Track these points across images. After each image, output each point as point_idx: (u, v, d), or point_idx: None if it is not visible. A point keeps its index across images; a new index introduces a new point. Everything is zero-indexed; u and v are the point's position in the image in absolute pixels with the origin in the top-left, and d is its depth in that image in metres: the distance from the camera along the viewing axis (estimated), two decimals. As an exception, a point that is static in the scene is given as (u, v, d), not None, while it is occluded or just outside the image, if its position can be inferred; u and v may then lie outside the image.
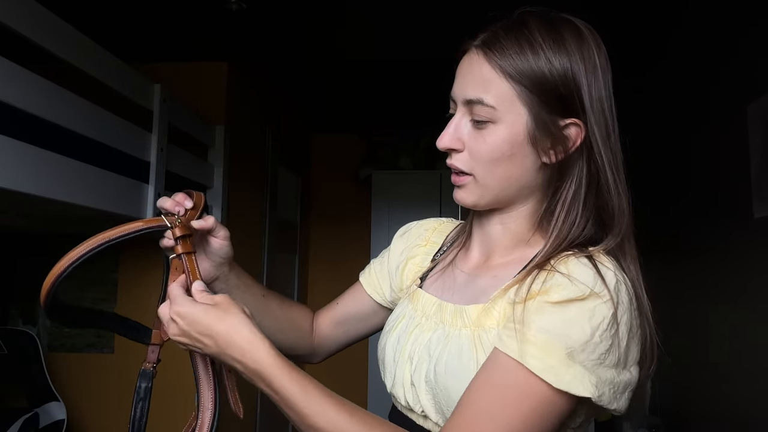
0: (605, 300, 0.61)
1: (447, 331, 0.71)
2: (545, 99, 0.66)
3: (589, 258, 0.65)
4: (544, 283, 0.63)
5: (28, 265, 2.63)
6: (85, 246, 0.71)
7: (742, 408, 2.02)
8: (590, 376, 0.60)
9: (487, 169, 0.69)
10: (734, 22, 2.06)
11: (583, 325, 0.60)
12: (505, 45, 0.67)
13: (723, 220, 2.17)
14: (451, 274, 0.79)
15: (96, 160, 1.52)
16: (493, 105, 0.67)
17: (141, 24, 2.33)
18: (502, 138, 0.67)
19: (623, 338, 0.62)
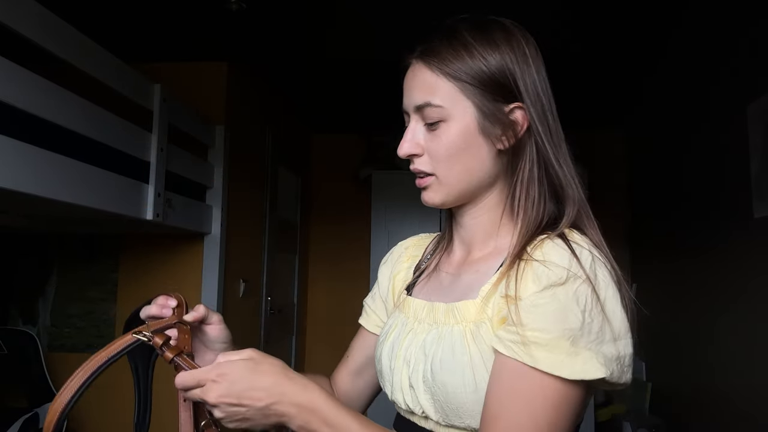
0: (583, 279, 0.64)
1: (440, 330, 0.73)
2: (486, 90, 0.72)
3: (563, 238, 0.68)
4: (525, 276, 0.65)
5: (29, 265, 2.63)
6: (73, 385, 0.66)
7: (742, 408, 2.02)
8: (597, 357, 0.62)
9: (447, 166, 0.73)
10: (734, 22, 2.06)
11: (574, 310, 0.63)
12: (441, 51, 0.73)
13: (723, 220, 2.17)
14: (436, 277, 0.82)
15: (96, 160, 1.52)
16: (440, 104, 0.72)
17: (141, 24, 2.33)
18: (455, 133, 0.72)
19: (611, 312, 0.65)
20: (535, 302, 0.63)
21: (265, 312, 3.02)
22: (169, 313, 0.74)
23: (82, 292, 2.57)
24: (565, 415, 0.63)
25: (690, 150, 2.54)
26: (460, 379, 0.66)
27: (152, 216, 1.81)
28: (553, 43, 2.49)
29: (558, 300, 0.63)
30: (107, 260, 2.56)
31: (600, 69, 2.79)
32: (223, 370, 0.64)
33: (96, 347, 2.80)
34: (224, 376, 0.63)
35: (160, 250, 2.52)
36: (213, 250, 2.45)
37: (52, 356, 2.50)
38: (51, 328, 2.57)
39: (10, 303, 2.61)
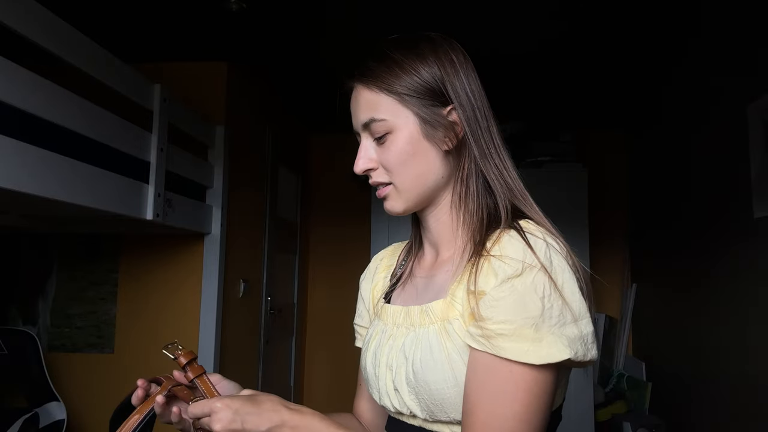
0: (538, 268, 0.67)
1: (417, 331, 0.76)
2: (421, 97, 0.77)
3: (517, 230, 0.72)
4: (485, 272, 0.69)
5: (29, 265, 2.63)
6: None
7: (742, 408, 2.02)
8: (560, 339, 0.66)
9: (401, 173, 0.78)
10: (734, 22, 2.06)
11: (532, 299, 0.66)
12: (375, 70, 0.79)
13: (723, 220, 2.17)
14: (411, 283, 0.86)
15: (96, 160, 1.52)
16: (384, 118, 0.78)
17: (141, 24, 2.33)
18: (402, 141, 0.77)
19: (569, 295, 0.68)
20: (496, 296, 0.67)
21: (265, 312, 3.02)
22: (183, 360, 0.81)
23: (82, 292, 2.57)
24: (538, 399, 0.66)
25: (690, 150, 2.54)
26: (441, 376, 0.70)
27: (152, 216, 1.81)
28: (554, 44, 2.49)
29: (516, 291, 0.66)
30: (107, 260, 2.56)
31: (600, 69, 2.79)
32: (227, 400, 0.70)
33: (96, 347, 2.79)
34: (228, 406, 0.69)
35: (160, 250, 2.52)
36: (213, 250, 2.45)
37: (52, 356, 2.50)
38: (51, 328, 2.57)
39: (10, 303, 2.61)
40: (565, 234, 0.79)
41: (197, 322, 2.39)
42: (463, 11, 2.20)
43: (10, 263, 2.64)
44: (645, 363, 3.17)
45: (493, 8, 2.17)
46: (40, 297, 2.60)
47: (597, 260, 3.57)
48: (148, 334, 2.46)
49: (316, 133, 4.10)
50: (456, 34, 0.86)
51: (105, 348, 2.51)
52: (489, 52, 2.53)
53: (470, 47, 0.84)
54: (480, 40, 2.41)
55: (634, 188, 3.54)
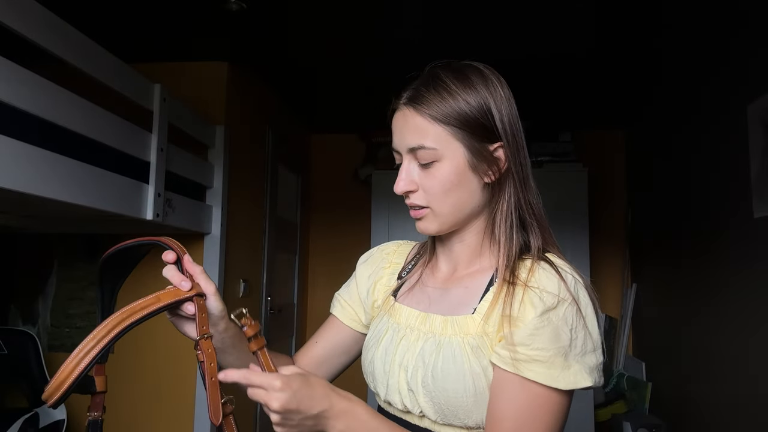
0: (570, 301, 0.75)
1: (438, 339, 0.80)
2: (472, 131, 0.80)
3: (549, 263, 0.78)
4: (522, 303, 0.75)
5: (29, 264, 2.63)
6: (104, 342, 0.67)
7: (742, 408, 2.03)
8: (583, 368, 0.74)
9: (441, 200, 0.81)
10: (734, 21, 2.06)
11: (564, 330, 0.74)
12: (428, 97, 0.80)
13: (723, 220, 2.17)
14: (421, 289, 0.90)
15: (96, 160, 1.52)
16: (433, 147, 0.79)
17: (141, 24, 2.33)
18: (448, 171, 0.80)
19: (590, 326, 0.76)
20: (535, 325, 0.73)
21: (265, 312, 3.02)
22: (187, 285, 0.78)
23: (82, 292, 2.57)
24: (558, 419, 0.74)
25: (690, 150, 2.54)
26: (461, 386, 0.75)
27: (152, 216, 1.81)
28: (554, 44, 2.49)
29: (552, 323, 0.73)
30: (107, 260, 2.56)
31: (600, 69, 2.79)
32: (285, 379, 0.70)
33: (96, 347, 2.76)
34: (288, 385, 0.69)
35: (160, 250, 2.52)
36: (213, 250, 2.45)
37: (52, 356, 2.50)
38: (51, 328, 2.57)
39: (10, 303, 2.61)
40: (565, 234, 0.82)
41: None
42: (465, 15, 2.20)
43: (10, 263, 2.64)
44: (645, 363, 3.17)
45: (496, 14, 2.17)
46: (40, 297, 2.60)
47: (597, 260, 3.57)
48: (148, 334, 2.45)
49: (316, 133, 4.10)
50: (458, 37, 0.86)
51: (105, 348, 2.51)
52: (490, 55, 2.53)
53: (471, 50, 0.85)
54: (480, 43, 2.41)
55: (634, 188, 3.54)
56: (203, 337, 0.75)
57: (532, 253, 0.81)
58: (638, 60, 2.68)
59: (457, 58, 0.88)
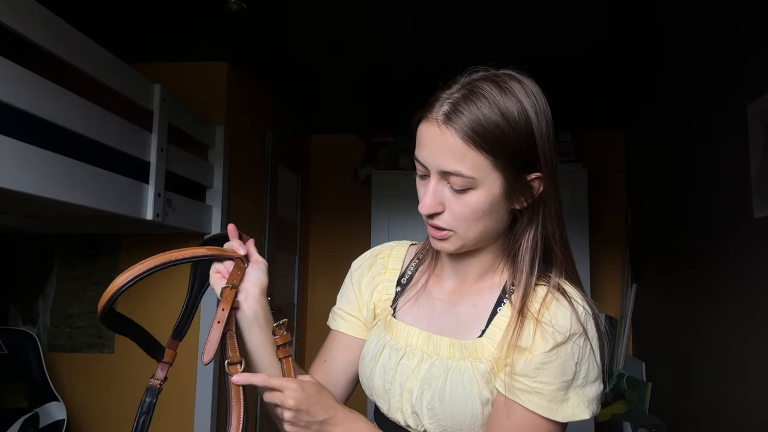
0: (579, 334, 0.74)
1: (445, 363, 0.79)
2: (514, 162, 0.74)
3: (562, 292, 0.77)
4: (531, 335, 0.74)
5: (29, 265, 2.63)
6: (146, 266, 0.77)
7: (741, 408, 2.02)
8: (582, 400, 0.74)
9: (468, 226, 0.76)
10: (735, 21, 2.06)
11: (570, 364, 0.74)
12: (471, 119, 0.71)
13: (723, 220, 2.17)
14: (426, 301, 0.86)
15: (96, 160, 1.52)
16: (472, 176, 0.72)
17: (141, 24, 2.33)
18: (483, 200, 0.74)
19: (596, 356, 0.76)
20: (543, 360, 0.73)
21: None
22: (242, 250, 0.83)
23: (82, 292, 2.57)
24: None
25: (690, 150, 2.54)
26: (469, 410, 0.75)
27: (152, 216, 1.80)
28: (554, 44, 2.49)
29: (560, 357, 0.73)
30: (107, 260, 2.56)
31: (600, 69, 2.79)
32: (301, 383, 0.75)
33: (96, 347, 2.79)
34: (303, 388, 0.74)
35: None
36: (213, 250, 2.45)
37: (52, 356, 2.50)
38: (51, 328, 2.57)
39: (10, 303, 2.61)
40: None
41: (197, 321, 2.39)
42: (465, 16, 2.20)
43: (10, 263, 2.64)
44: (645, 363, 3.17)
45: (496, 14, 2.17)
46: (40, 297, 2.59)
47: (597, 260, 3.57)
48: (148, 334, 2.46)
49: (316, 133, 4.10)
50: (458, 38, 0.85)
51: (105, 348, 2.51)
52: (490, 55, 2.53)
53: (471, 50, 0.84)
54: (480, 43, 2.41)
55: (634, 188, 3.54)
56: (228, 287, 0.79)
57: (550, 282, 0.78)
58: (638, 60, 2.67)
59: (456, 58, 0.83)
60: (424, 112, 0.76)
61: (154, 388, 0.79)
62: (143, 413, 0.77)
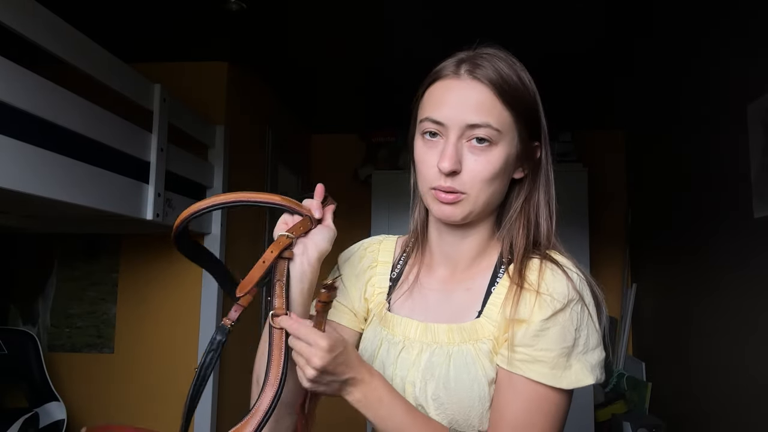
0: (576, 300, 0.74)
1: (446, 349, 0.78)
2: (527, 125, 0.78)
3: (555, 263, 0.77)
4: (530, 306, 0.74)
5: (29, 265, 2.63)
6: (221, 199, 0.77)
7: (741, 408, 2.02)
8: (585, 366, 0.73)
9: (482, 188, 0.76)
10: (735, 21, 2.06)
11: (570, 330, 0.73)
12: (496, 73, 0.75)
13: (723, 220, 2.17)
14: (419, 294, 0.85)
15: (96, 160, 1.52)
16: (498, 128, 0.74)
17: (141, 24, 2.33)
18: (501, 158, 0.75)
19: (595, 322, 0.76)
20: (542, 327, 0.73)
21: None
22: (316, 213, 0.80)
23: (82, 292, 2.57)
24: (559, 418, 0.74)
25: (690, 150, 2.54)
26: (477, 393, 0.75)
27: (152, 216, 1.80)
28: (554, 44, 2.49)
29: (559, 323, 0.73)
30: (107, 260, 2.56)
31: (600, 69, 2.79)
32: (334, 343, 0.70)
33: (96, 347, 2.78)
34: (333, 348, 0.69)
35: (160, 250, 2.52)
36: (213, 250, 2.45)
37: (52, 356, 2.50)
38: (51, 328, 2.57)
39: (10, 303, 2.61)
40: (565, 234, 0.82)
41: (197, 321, 2.39)
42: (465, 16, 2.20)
43: (9, 263, 2.64)
44: (645, 363, 3.17)
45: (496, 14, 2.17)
46: (40, 297, 2.59)
47: (597, 260, 3.57)
48: (148, 334, 2.46)
49: (316, 133, 4.10)
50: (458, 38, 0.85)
51: (105, 348, 2.51)
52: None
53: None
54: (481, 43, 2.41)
55: (634, 188, 3.54)
56: (285, 234, 0.77)
57: (541, 252, 0.79)
58: (638, 60, 2.67)
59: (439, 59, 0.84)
60: (437, 74, 0.79)
61: (224, 327, 0.78)
62: (211, 350, 0.76)
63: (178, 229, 0.77)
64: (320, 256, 0.80)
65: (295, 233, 0.77)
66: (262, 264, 0.76)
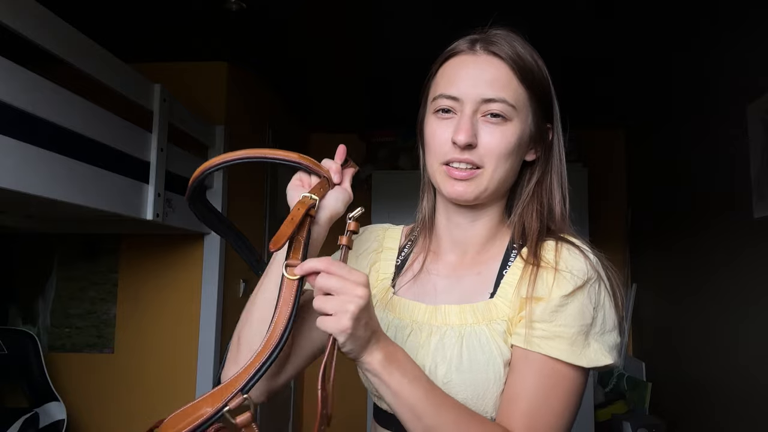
0: (595, 279, 0.73)
1: (458, 330, 0.75)
2: (541, 105, 0.78)
3: (572, 243, 0.76)
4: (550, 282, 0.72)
5: (29, 264, 2.63)
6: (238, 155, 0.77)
7: (742, 408, 2.02)
8: (603, 347, 0.71)
9: (498, 163, 0.75)
10: (734, 21, 2.06)
11: (588, 308, 0.71)
12: (524, 57, 0.76)
13: (723, 220, 2.17)
14: (426, 280, 0.83)
15: (96, 160, 1.52)
16: (513, 104, 0.74)
17: (141, 24, 2.33)
18: (515, 134, 0.75)
19: (611, 303, 0.74)
20: (562, 303, 0.71)
21: None
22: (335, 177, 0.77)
23: (82, 292, 2.57)
24: (575, 397, 0.71)
25: (690, 150, 2.54)
26: (492, 375, 0.72)
27: (152, 216, 1.80)
28: (554, 44, 2.49)
29: (578, 300, 0.71)
30: (107, 260, 2.56)
31: (600, 69, 2.79)
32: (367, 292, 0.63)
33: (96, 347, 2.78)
34: (368, 296, 0.63)
35: (160, 250, 2.52)
36: (213, 250, 2.45)
37: (52, 356, 2.50)
38: (51, 328, 2.57)
39: (10, 303, 2.61)
40: None
41: (197, 322, 2.39)
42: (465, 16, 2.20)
43: (9, 263, 2.64)
44: (645, 363, 3.17)
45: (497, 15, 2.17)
46: (40, 297, 2.59)
47: (597, 260, 3.57)
48: (148, 334, 2.46)
49: (316, 133, 4.10)
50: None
51: (105, 348, 2.51)
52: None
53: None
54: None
55: (634, 188, 3.54)
56: (308, 195, 0.73)
57: (555, 235, 0.77)
58: (638, 60, 2.67)
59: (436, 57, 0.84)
60: (451, 52, 0.79)
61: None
62: None
63: (194, 186, 0.76)
64: (332, 218, 0.77)
65: (317, 194, 0.74)
66: (290, 221, 0.71)
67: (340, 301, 0.62)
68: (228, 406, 0.61)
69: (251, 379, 0.62)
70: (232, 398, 0.61)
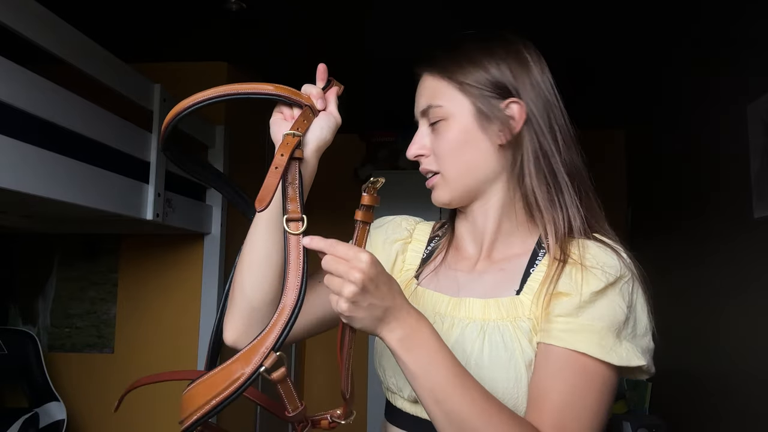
0: (628, 278, 0.70)
1: (480, 324, 0.73)
2: (482, 88, 0.76)
3: (602, 242, 0.74)
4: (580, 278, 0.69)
5: (29, 265, 2.63)
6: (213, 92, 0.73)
7: (742, 408, 2.02)
8: (635, 348, 0.68)
9: (450, 162, 0.77)
10: (734, 21, 2.06)
11: (621, 305, 0.68)
12: (442, 59, 0.79)
13: (723, 220, 2.17)
14: (446, 274, 0.82)
15: (96, 160, 1.52)
16: (440, 104, 0.77)
17: (141, 24, 2.33)
18: (456, 130, 0.76)
19: (643, 308, 0.71)
20: (591, 299, 0.68)
21: None
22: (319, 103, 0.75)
23: (82, 292, 2.57)
24: (608, 396, 0.68)
25: (690, 150, 2.54)
26: (513, 374, 0.69)
27: (152, 216, 1.80)
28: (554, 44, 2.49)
29: (609, 297, 0.68)
30: (107, 260, 2.56)
31: (600, 69, 2.79)
32: (376, 261, 0.63)
33: (96, 347, 2.78)
34: (375, 263, 0.62)
35: (160, 250, 2.52)
36: (213, 250, 2.45)
37: (52, 356, 2.50)
38: (51, 328, 2.57)
39: (10, 303, 2.61)
40: None
41: (197, 322, 2.39)
42: (466, 16, 2.20)
43: (9, 263, 2.64)
44: (645, 363, 3.17)
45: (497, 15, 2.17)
46: (40, 297, 2.59)
47: (597, 260, 3.57)
48: (148, 334, 2.46)
49: (316, 133, 4.10)
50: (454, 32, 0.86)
51: (105, 348, 2.51)
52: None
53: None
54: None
55: (634, 188, 3.54)
56: (290, 133, 0.70)
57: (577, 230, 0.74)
58: (638, 60, 2.67)
59: None
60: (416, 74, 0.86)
61: None
62: None
63: (167, 131, 0.72)
64: (320, 148, 0.77)
65: (300, 129, 0.71)
66: (275, 170, 0.69)
67: (339, 284, 0.62)
68: (264, 366, 0.61)
69: (279, 337, 0.62)
70: (266, 357, 0.62)
